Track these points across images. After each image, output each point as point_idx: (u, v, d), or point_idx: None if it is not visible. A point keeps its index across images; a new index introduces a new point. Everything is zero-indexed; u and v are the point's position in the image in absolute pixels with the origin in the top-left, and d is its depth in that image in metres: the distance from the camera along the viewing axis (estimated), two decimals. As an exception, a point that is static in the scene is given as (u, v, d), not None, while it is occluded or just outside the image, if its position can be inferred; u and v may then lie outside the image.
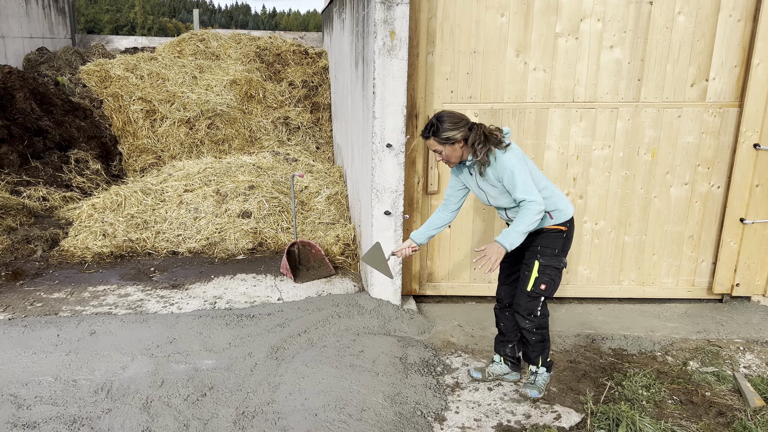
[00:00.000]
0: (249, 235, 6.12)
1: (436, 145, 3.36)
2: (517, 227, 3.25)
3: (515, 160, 3.28)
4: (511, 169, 3.25)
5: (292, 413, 3.37)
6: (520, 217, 3.27)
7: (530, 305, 3.56)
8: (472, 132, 3.30)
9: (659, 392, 3.82)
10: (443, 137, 3.30)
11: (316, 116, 10.17)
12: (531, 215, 3.22)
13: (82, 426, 3.22)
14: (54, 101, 8.45)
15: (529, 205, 3.22)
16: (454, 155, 3.38)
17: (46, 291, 5.10)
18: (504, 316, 3.85)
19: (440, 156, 3.41)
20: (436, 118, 3.32)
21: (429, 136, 3.35)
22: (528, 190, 3.23)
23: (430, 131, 3.33)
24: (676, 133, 4.85)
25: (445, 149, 3.35)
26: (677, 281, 5.21)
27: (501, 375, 3.90)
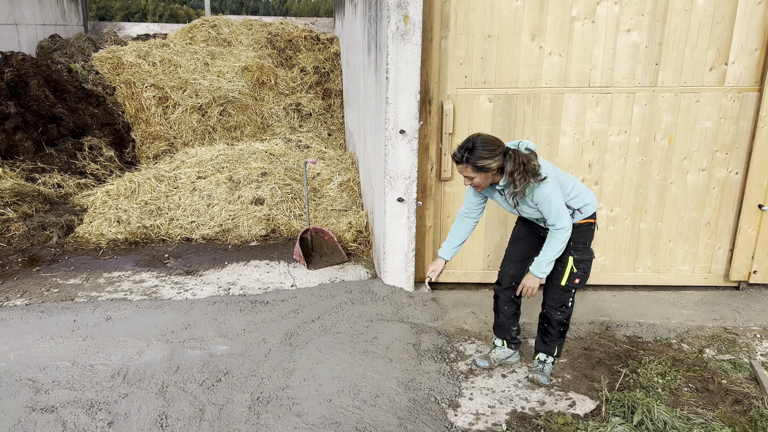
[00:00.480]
0: (262, 222, 6.13)
1: (469, 172, 3.21)
2: (547, 256, 3.36)
3: (551, 187, 3.22)
4: (548, 195, 3.22)
5: (306, 399, 3.38)
6: (549, 245, 3.35)
7: (563, 297, 3.57)
8: (507, 159, 3.17)
9: (675, 380, 3.79)
10: (478, 165, 3.15)
11: (328, 102, 10.13)
12: (560, 243, 3.31)
13: (100, 410, 3.25)
14: (67, 88, 8.48)
15: (559, 232, 3.29)
16: (486, 182, 3.27)
17: (62, 277, 5.14)
18: (505, 299, 3.77)
19: (470, 181, 3.28)
20: (470, 144, 3.16)
21: (462, 162, 3.18)
22: (561, 216, 3.26)
23: (463, 157, 3.17)
24: (693, 118, 4.78)
25: (479, 176, 3.22)
26: (693, 268, 5.16)
27: (505, 359, 3.89)
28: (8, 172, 6.72)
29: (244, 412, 3.26)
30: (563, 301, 3.59)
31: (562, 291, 3.56)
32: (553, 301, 3.60)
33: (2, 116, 7.21)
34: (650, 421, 3.29)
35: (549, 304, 3.64)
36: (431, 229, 4.95)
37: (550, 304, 3.63)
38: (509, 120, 4.76)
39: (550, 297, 3.62)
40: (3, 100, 7.31)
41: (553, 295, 3.60)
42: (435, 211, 4.92)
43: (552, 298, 3.61)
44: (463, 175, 3.27)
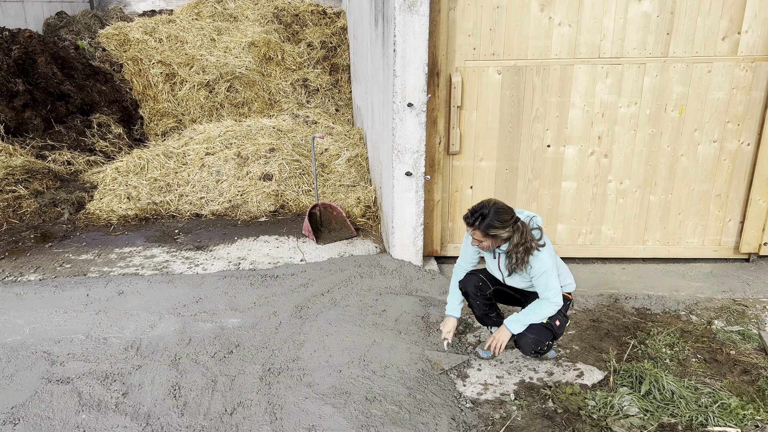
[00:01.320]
0: (271, 198, 6.15)
1: (479, 236, 3.23)
2: (529, 318, 3.34)
3: (550, 262, 3.28)
4: (545, 270, 3.27)
5: (316, 370, 3.43)
6: (536, 310, 3.33)
7: (540, 336, 3.35)
8: (515, 231, 3.22)
9: (683, 351, 3.81)
10: (490, 233, 3.19)
11: (335, 78, 10.07)
12: (548, 312, 3.32)
13: (114, 381, 3.31)
14: (75, 65, 8.47)
15: (550, 304, 3.31)
16: (494, 246, 3.31)
17: (75, 253, 5.20)
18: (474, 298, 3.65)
19: (478, 243, 3.30)
20: (486, 211, 3.17)
21: (475, 227, 3.20)
22: (556, 292, 3.31)
23: (476, 222, 3.18)
24: (705, 89, 4.72)
25: (488, 242, 3.26)
26: (703, 241, 5.14)
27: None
28: (18, 149, 6.76)
29: (255, 382, 3.31)
30: (540, 340, 3.36)
31: (541, 328, 3.36)
32: (527, 345, 3.37)
33: (11, 94, 7.23)
34: (658, 391, 3.32)
35: (523, 348, 3.41)
36: (439, 203, 4.94)
37: (525, 348, 3.40)
38: (518, 92, 4.72)
39: (525, 335, 3.37)
40: (11, 78, 7.33)
41: (528, 333, 3.36)
42: (443, 185, 4.92)
43: (526, 335, 3.36)
44: (473, 237, 3.29)
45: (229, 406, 3.11)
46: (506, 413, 3.14)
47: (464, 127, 4.77)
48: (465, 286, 3.64)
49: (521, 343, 3.37)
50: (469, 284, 3.61)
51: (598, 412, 3.16)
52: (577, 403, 3.24)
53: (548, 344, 3.40)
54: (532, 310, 3.34)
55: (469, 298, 3.68)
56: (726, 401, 3.23)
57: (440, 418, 3.03)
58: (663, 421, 3.12)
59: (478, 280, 3.60)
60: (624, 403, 3.23)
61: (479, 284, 3.59)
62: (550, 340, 3.38)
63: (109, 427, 2.94)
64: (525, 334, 3.33)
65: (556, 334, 3.41)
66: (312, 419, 2.98)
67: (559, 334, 3.45)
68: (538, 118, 4.80)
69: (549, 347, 3.45)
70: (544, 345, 3.37)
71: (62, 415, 3.04)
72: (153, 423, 2.97)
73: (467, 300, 3.72)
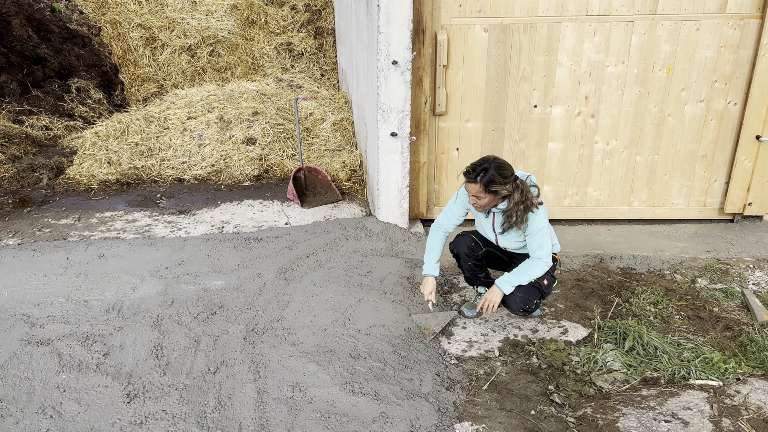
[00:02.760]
0: (254, 162, 6.05)
1: (480, 192, 3.13)
2: (520, 278, 3.30)
3: (545, 221, 3.24)
4: (540, 228, 3.22)
5: (301, 329, 3.40)
6: (528, 269, 3.29)
7: (529, 294, 3.33)
8: (516, 189, 3.16)
9: (667, 308, 3.82)
10: (491, 189, 3.11)
11: (320, 42, 9.88)
12: (539, 271, 3.29)
13: (95, 342, 3.27)
14: (51, 28, 8.22)
15: (542, 263, 3.28)
16: (491, 204, 3.22)
17: (54, 217, 5.10)
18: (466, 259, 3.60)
19: (476, 200, 3.19)
20: (487, 166, 3.10)
21: (475, 182, 3.11)
22: (548, 251, 3.27)
23: (477, 177, 3.09)
24: (693, 48, 4.66)
25: (486, 199, 3.16)
26: (688, 201, 5.14)
27: None
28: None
29: (239, 342, 3.28)
30: (528, 299, 3.34)
31: (529, 286, 3.34)
32: (516, 303, 3.35)
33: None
34: (641, 347, 3.34)
35: (511, 306, 3.40)
36: (425, 165, 4.89)
37: (513, 307, 3.39)
38: (505, 51, 4.64)
39: (513, 293, 3.34)
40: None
41: (517, 291, 3.34)
42: (429, 147, 4.86)
43: (514, 293, 3.34)
44: (471, 194, 3.18)
45: (212, 366, 3.08)
46: (491, 369, 3.14)
47: (450, 87, 4.69)
48: (456, 248, 3.59)
49: (509, 301, 3.35)
50: (460, 245, 3.56)
51: (582, 368, 3.17)
52: (561, 359, 3.24)
53: (536, 303, 3.39)
54: (523, 270, 3.31)
55: (459, 260, 3.64)
56: (708, 356, 3.25)
57: (425, 374, 3.02)
58: (646, 375, 3.14)
59: (470, 241, 3.54)
60: (608, 358, 3.24)
61: (471, 245, 3.54)
62: (538, 298, 3.37)
63: (90, 387, 2.90)
64: (514, 293, 3.31)
65: (544, 293, 3.40)
66: (296, 377, 2.96)
67: (547, 293, 3.44)
68: (525, 77, 4.73)
69: (537, 306, 3.44)
70: (532, 303, 3.35)
71: (42, 375, 2.99)
72: (135, 382, 2.94)
73: (457, 261, 3.68)
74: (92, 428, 2.63)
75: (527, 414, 2.79)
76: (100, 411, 2.74)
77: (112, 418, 2.70)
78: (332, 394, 2.82)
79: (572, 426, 2.72)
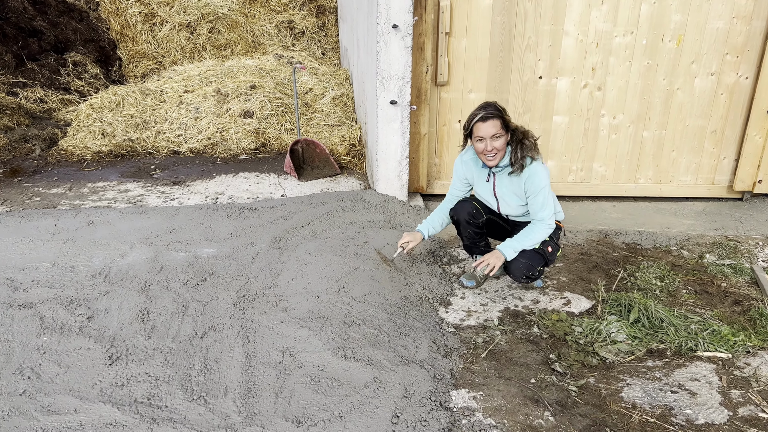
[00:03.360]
0: (251, 135, 5.91)
1: (498, 129, 3.01)
2: (523, 243, 3.18)
3: (546, 180, 3.14)
4: (543, 186, 3.11)
5: (293, 296, 3.28)
6: (530, 234, 3.18)
7: (533, 260, 3.19)
8: (517, 128, 3.15)
9: (673, 282, 3.69)
10: (505, 118, 3.04)
11: (322, 20, 9.71)
12: (542, 235, 3.19)
13: (79, 306, 3.15)
14: (47, 1, 8.07)
15: (544, 225, 3.17)
16: (503, 149, 3.10)
17: (45, 187, 4.98)
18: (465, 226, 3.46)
19: (495, 142, 3.03)
20: (490, 102, 3.08)
21: (493, 117, 3.00)
22: (551, 213, 3.18)
23: (494, 112, 3.01)
24: (704, 18, 4.50)
25: (503, 138, 3.06)
26: (696, 179, 5.00)
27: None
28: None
29: (229, 308, 3.16)
30: (531, 266, 3.19)
31: (533, 253, 3.21)
32: (519, 270, 3.20)
33: (-22, 28, 6.88)
34: (647, 319, 3.20)
35: (514, 273, 3.24)
36: (426, 137, 4.74)
37: (516, 273, 3.23)
38: (510, 19, 4.48)
39: (517, 259, 3.20)
40: (-22, 11, 6.96)
41: (520, 257, 3.19)
42: (430, 118, 4.71)
43: (517, 260, 3.19)
44: (489, 137, 3.02)
45: (199, 330, 2.96)
46: (489, 338, 3.01)
47: (453, 56, 4.54)
48: (457, 214, 3.45)
49: (512, 268, 3.21)
50: (461, 211, 3.43)
51: (584, 338, 3.05)
52: (564, 329, 3.12)
53: (539, 270, 3.26)
54: (526, 235, 3.18)
55: (459, 227, 3.50)
56: (717, 329, 3.12)
57: (421, 341, 2.90)
58: (652, 347, 3.01)
59: (472, 207, 3.41)
60: (612, 329, 3.11)
61: (473, 212, 3.40)
62: (541, 265, 3.24)
63: (71, 349, 2.78)
64: (517, 259, 3.17)
65: (548, 260, 3.27)
66: (286, 342, 2.84)
67: (551, 261, 3.31)
68: (530, 47, 4.58)
69: (540, 273, 3.31)
70: (536, 270, 3.22)
71: (22, 338, 2.87)
72: (118, 345, 2.82)
73: (457, 228, 3.54)
74: (71, 389, 2.51)
75: (527, 382, 2.67)
76: (81, 373, 2.62)
77: (92, 379, 2.58)
78: (323, 359, 2.70)
79: (574, 395, 2.59)
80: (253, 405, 2.42)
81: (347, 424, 2.29)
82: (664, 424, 2.43)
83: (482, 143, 3.07)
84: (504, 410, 2.47)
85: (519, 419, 2.42)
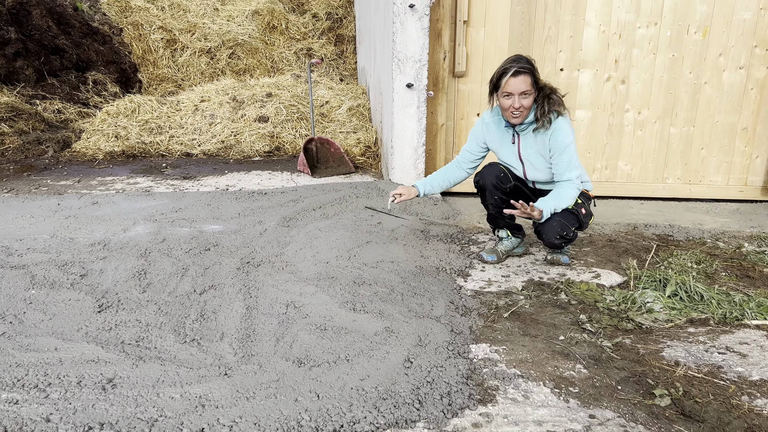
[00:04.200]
0: (266, 139, 5.82)
1: (529, 86, 2.86)
2: (558, 202, 2.94)
3: (572, 136, 2.97)
4: (568, 143, 2.94)
5: (301, 262, 3.06)
6: (562, 193, 2.97)
7: (567, 219, 2.99)
8: (542, 87, 2.99)
9: (711, 266, 3.41)
10: (536, 74, 2.89)
11: (341, 48, 9.80)
12: (573, 193, 2.98)
13: (73, 266, 2.95)
14: (72, 23, 8.24)
15: (574, 186, 2.98)
16: (530, 107, 2.94)
17: (54, 179, 4.88)
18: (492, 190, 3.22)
19: (519, 102, 2.87)
20: (521, 56, 2.94)
21: (524, 72, 2.84)
22: (578, 173, 3.00)
23: (526, 66, 2.86)
24: (731, 9, 4.37)
25: (532, 95, 2.91)
26: (728, 179, 4.75)
27: (512, 249, 3.40)
28: (6, 92, 6.48)
29: (231, 271, 2.94)
30: (566, 225, 2.97)
31: (566, 212, 2.99)
32: (553, 229, 2.97)
33: (2, 41, 6.99)
34: (685, 293, 2.92)
35: (547, 233, 3.00)
36: (443, 127, 4.59)
37: (550, 233, 2.99)
38: (529, 8, 4.39)
39: (549, 223, 2.98)
40: (3, 26, 7.09)
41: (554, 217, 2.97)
42: (448, 109, 4.57)
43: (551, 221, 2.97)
44: (518, 94, 2.86)
45: (198, 288, 2.74)
46: (512, 301, 2.75)
47: (471, 47, 4.44)
48: (483, 179, 3.20)
49: (545, 227, 2.95)
50: (488, 176, 3.17)
51: (617, 306, 2.77)
52: (594, 297, 2.85)
53: (573, 232, 3.01)
54: (558, 194, 2.95)
55: (484, 193, 3.24)
56: (764, 301, 2.83)
57: (437, 300, 2.65)
58: (692, 317, 2.72)
59: (500, 171, 3.16)
60: (647, 299, 2.84)
61: (500, 175, 3.15)
62: (575, 227, 3.01)
63: (59, 301, 2.57)
64: (551, 218, 2.93)
65: (582, 222, 3.04)
66: (291, 296, 2.61)
67: (585, 224, 3.08)
68: (551, 38, 4.47)
69: (574, 236, 3.05)
70: (570, 231, 2.98)
71: (9, 291, 2.67)
72: (110, 297, 2.61)
73: (482, 196, 3.29)
74: (54, 332, 2.29)
75: (555, 339, 2.39)
76: (66, 319, 2.40)
77: (78, 325, 2.36)
78: (330, 310, 2.46)
79: (608, 350, 2.31)
80: (251, 347, 2.17)
81: (354, 367, 2.03)
82: (713, 379, 2.14)
83: (510, 99, 2.89)
84: (530, 362, 2.20)
85: (547, 370, 2.14)
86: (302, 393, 1.88)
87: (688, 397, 2.00)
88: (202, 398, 1.84)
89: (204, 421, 1.74)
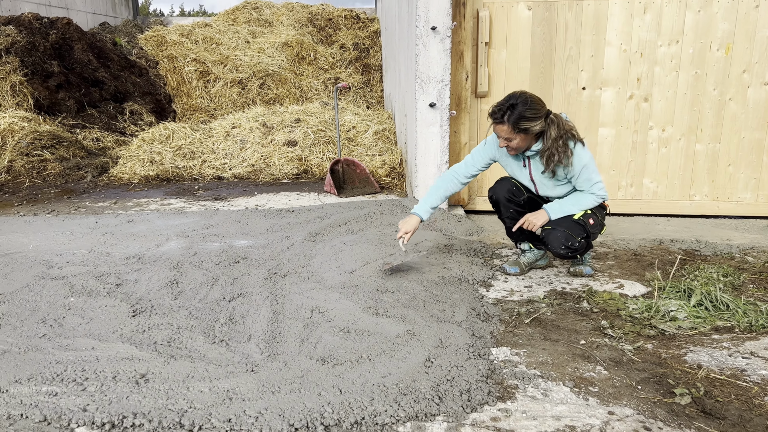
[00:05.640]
0: (294, 162, 5.97)
1: (507, 133, 2.84)
2: (569, 206, 2.98)
3: (586, 157, 2.94)
4: (585, 164, 2.93)
5: (326, 272, 3.14)
6: (578, 200, 3.00)
7: (572, 230, 2.96)
8: (549, 124, 2.87)
9: (738, 278, 3.38)
10: (521, 127, 2.79)
11: (367, 77, 10.03)
12: (589, 203, 3.01)
13: (110, 276, 3.09)
14: (111, 57, 8.63)
15: (593, 197, 3.00)
16: (523, 145, 2.92)
17: (92, 201, 5.08)
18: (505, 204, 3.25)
19: (506, 143, 2.90)
20: (514, 102, 2.80)
21: (503, 122, 2.80)
22: (600, 186, 3.00)
23: (504, 116, 2.79)
24: (753, 26, 4.40)
25: (518, 139, 2.87)
26: (757, 196, 4.71)
27: (535, 261, 3.42)
28: (48, 122, 6.79)
29: (259, 281, 3.04)
30: (570, 236, 2.94)
31: (572, 223, 2.97)
32: (557, 240, 2.95)
33: (46, 74, 7.35)
34: (710, 302, 2.91)
35: (552, 244, 2.98)
36: (466, 146, 4.68)
37: (554, 244, 2.97)
38: (550, 29, 4.49)
39: (556, 227, 2.98)
40: (47, 59, 7.47)
41: (559, 226, 2.97)
42: (470, 128, 4.66)
43: (557, 229, 2.96)
44: (501, 137, 2.88)
45: (227, 296, 2.84)
46: (534, 309, 2.78)
47: (493, 68, 4.54)
48: (495, 193, 3.25)
49: (550, 238, 2.96)
50: (500, 190, 3.21)
51: (640, 314, 2.77)
52: (616, 306, 2.85)
53: (580, 242, 2.99)
54: (573, 199, 2.98)
55: (499, 207, 3.29)
56: (792, 310, 2.80)
57: (458, 307, 2.69)
58: (718, 325, 2.71)
59: (511, 185, 3.19)
60: (671, 307, 2.83)
61: (513, 189, 3.17)
62: (582, 237, 3.00)
63: (96, 307, 2.69)
64: (555, 228, 2.95)
65: (590, 233, 3.02)
66: (316, 303, 2.68)
67: (593, 235, 3.06)
68: (572, 57, 4.55)
69: (581, 247, 3.02)
70: (576, 241, 2.96)
71: (50, 299, 2.81)
72: (143, 303, 2.72)
73: (497, 211, 3.34)
74: (91, 334, 2.40)
75: (576, 343, 2.41)
76: (103, 323, 2.52)
77: (113, 328, 2.47)
78: (354, 315, 2.52)
79: (630, 353, 2.32)
80: (277, 347, 2.25)
81: (376, 365, 2.09)
82: (736, 381, 2.13)
83: (499, 138, 2.96)
84: (550, 364, 2.22)
85: (567, 371, 2.17)
86: (325, 388, 1.94)
87: (709, 396, 2.00)
88: (230, 392, 1.92)
89: (231, 412, 1.81)
